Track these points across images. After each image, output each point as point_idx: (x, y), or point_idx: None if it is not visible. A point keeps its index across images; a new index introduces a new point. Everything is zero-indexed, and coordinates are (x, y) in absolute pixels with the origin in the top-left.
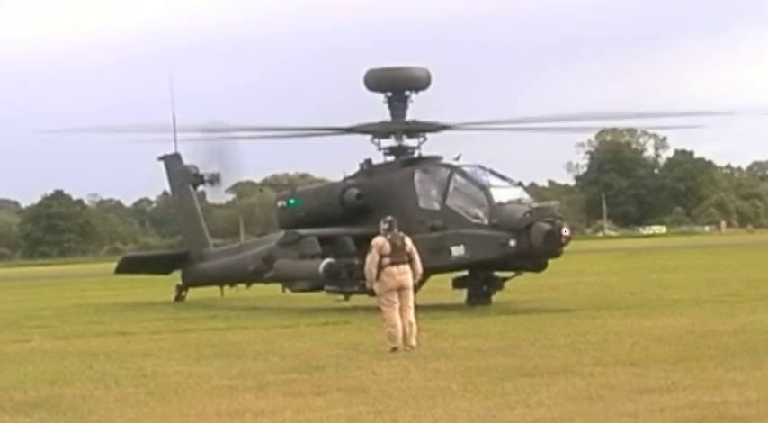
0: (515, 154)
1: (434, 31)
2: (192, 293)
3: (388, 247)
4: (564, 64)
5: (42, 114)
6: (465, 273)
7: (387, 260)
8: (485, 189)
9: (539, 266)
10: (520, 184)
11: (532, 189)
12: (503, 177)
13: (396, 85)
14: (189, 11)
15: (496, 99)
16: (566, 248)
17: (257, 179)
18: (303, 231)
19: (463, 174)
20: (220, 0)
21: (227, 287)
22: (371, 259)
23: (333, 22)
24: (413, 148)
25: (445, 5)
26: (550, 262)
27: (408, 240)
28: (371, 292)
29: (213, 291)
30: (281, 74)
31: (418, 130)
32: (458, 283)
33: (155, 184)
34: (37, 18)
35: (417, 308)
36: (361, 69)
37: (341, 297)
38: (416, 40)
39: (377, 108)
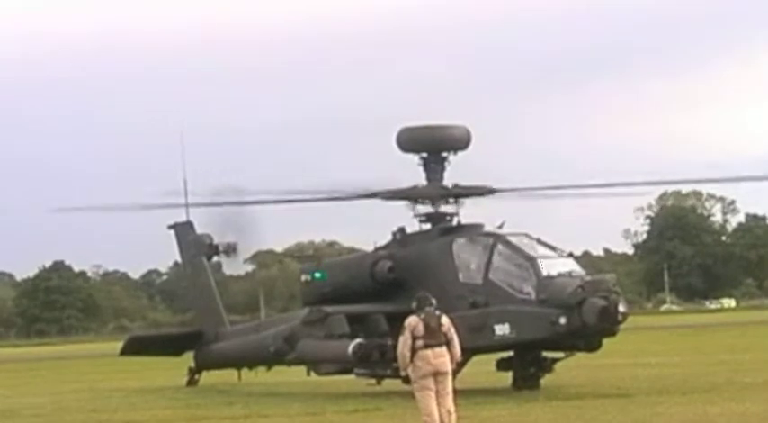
0: (566, 220)
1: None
2: (207, 377)
3: (421, 328)
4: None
5: (42, 177)
6: (510, 353)
7: (420, 342)
8: (532, 260)
9: (592, 346)
10: (570, 254)
11: (586, 259)
12: (552, 247)
13: (432, 144)
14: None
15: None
16: (622, 326)
17: (279, 248)
18: (330, 308)
19: (507, 243)
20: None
21: (245, 370)
22: (404, 342)
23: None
24: (451, 215)
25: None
26: (605, 341)
27: (445, 319)
28: (405, 378)
29: (230, 374)
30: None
31: (460, 194)
32: (502, 365)
33: (165, 255)
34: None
35: (457, 393)
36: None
37: (372, 381)
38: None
39: (411, 170)
